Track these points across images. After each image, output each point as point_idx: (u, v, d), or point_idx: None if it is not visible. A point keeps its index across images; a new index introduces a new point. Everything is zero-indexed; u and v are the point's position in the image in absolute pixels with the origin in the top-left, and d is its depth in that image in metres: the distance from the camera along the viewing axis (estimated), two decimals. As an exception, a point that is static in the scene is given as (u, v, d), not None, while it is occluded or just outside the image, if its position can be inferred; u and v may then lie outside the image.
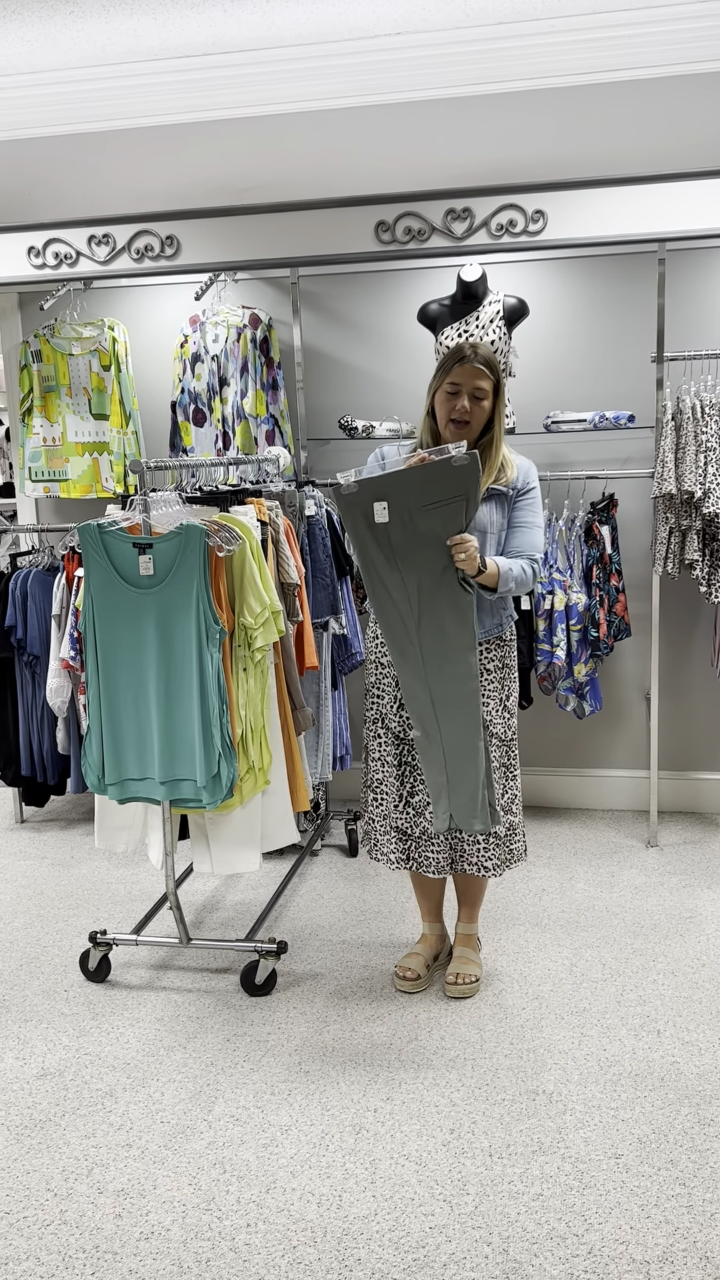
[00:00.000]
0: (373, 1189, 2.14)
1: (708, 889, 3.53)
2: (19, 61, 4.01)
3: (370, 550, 2.55)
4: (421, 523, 2.49)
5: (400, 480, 2.48)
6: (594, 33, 3.75)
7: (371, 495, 2.49)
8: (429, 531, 2.50)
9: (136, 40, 3.86)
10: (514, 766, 2.86)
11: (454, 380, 2.64)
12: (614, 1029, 2.70)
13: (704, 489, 3.63)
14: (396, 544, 2.52)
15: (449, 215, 3.61)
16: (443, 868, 2.85)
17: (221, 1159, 2.24)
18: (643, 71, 3.80)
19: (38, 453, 4.30)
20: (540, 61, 3.84)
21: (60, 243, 3.90)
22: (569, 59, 3.81)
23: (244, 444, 4.03)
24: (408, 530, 2.50)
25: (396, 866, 2.90)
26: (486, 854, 2.82)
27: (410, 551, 2.52)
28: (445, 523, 2.49)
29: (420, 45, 3.86)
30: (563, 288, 4.07)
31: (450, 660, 2.59)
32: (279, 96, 4.05)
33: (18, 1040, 2.74)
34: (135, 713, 2.81)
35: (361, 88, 3.99)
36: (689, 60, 3.77)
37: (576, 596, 3.86)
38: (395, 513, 2.49)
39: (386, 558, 2.54)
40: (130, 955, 3.18)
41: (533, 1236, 1.99)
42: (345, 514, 2.54)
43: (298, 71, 3.98)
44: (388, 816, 2.88)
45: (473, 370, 2.63)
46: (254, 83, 4.03)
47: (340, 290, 4.22)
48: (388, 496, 2.48)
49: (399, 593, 2.57)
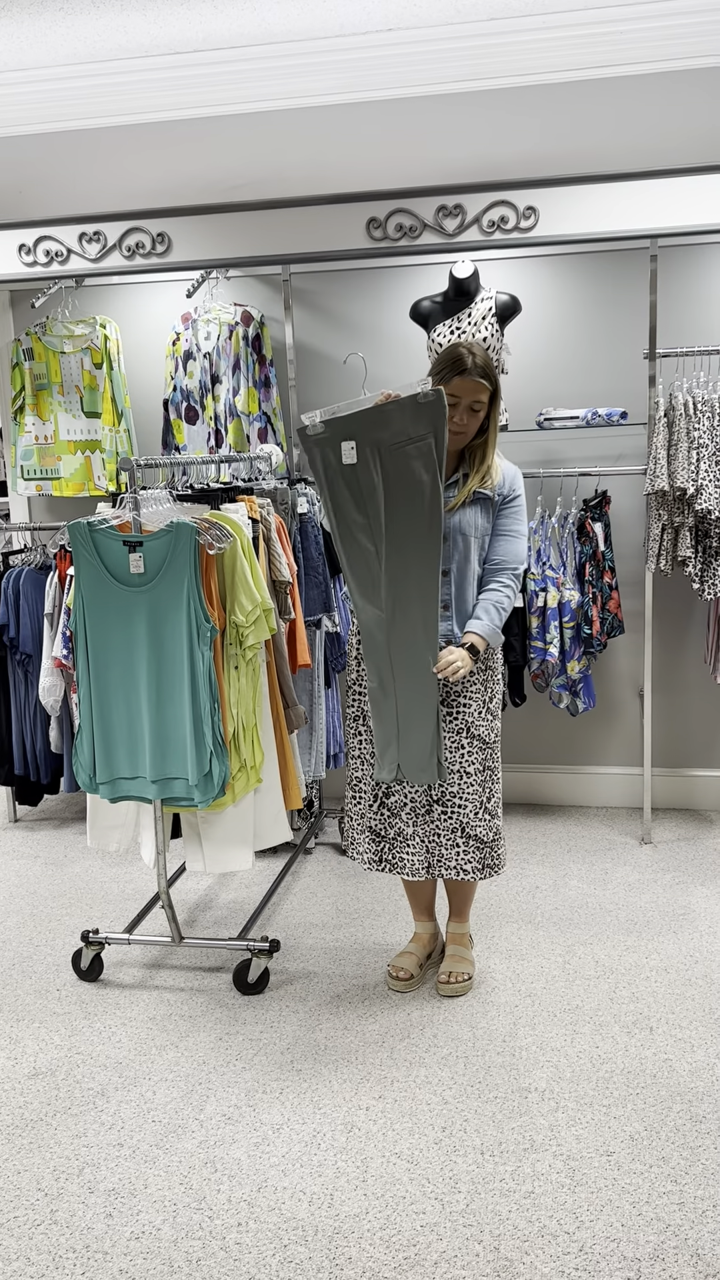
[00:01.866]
0: (364, 1187, 2.13)
1: (701, 886, 3.53)
2: (9, 59, 3.99)
3: (339, 491, 2.53)
4: (390, 463, 2.46)
5: (367, 419, 2.44)
6: (585, 29, 3.74)
7: (339, 435, 2.46)
8: (398, 471, 2.46)
9: (126, 37, 3.85)
10: (496, 770, 2.84)
11: (453, 392, 2.60)
12: (606, 1026, 2.70)
13: (696, 485, 3.63)
14: (365, 484, 2.49)
15: (440, 212, 3.61)
16: (418, 870, 2.83)
17: (213, 1158, 2.24)
18: (634, 68, 3.80)
19: (30, 451, 4.29)
20: (531, 58, 3.83)
21: (51, 240, 3.89)
22: (560, 55, 3.81)
23: (236, 442, 4.02)
24: (376, 470, 2.48)
25: (369, 868, 2.88)
26: (465, 858, 2.80)
27: (379, 491, 2.50)
28: (416, 462, 2.45)
29: (411, 41, 3.85)
30: (555, 284, 4.07)
31: (413, 606, 2.58)
32: (270, 93, 4.04)
33: (9, 1039, 2.73)
34: (126, 711, 2.80)
35: (353, 84, 3.98)
36: (680, 56, 3.76)
37: (569, 594, 3.86)
38: (363, 452, 2.45)
39: (355, 499, 2.52)
40: (122, 954, 3.17)
41: (524, 1234, 1.99)
42: (312, 455, 2.51)
43: (288, 68, 3.97)
44: (364, 816, 2.88)
45: (473, 385, 2.60)
46: (245, 79, 4.02)
47: (332, 287, 4.21)
48: (355, 436, 2.45)
49: (365, 535, 2.55)
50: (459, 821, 2.78)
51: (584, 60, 3.81)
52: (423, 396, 2.42)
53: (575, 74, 3.85)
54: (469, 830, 2.79)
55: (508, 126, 3.93)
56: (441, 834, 2.80)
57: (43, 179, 4.30)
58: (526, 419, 4.00)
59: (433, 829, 2.81)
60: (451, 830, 2.79)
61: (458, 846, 2.80)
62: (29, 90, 4.14)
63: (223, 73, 4.01)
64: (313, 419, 2.48)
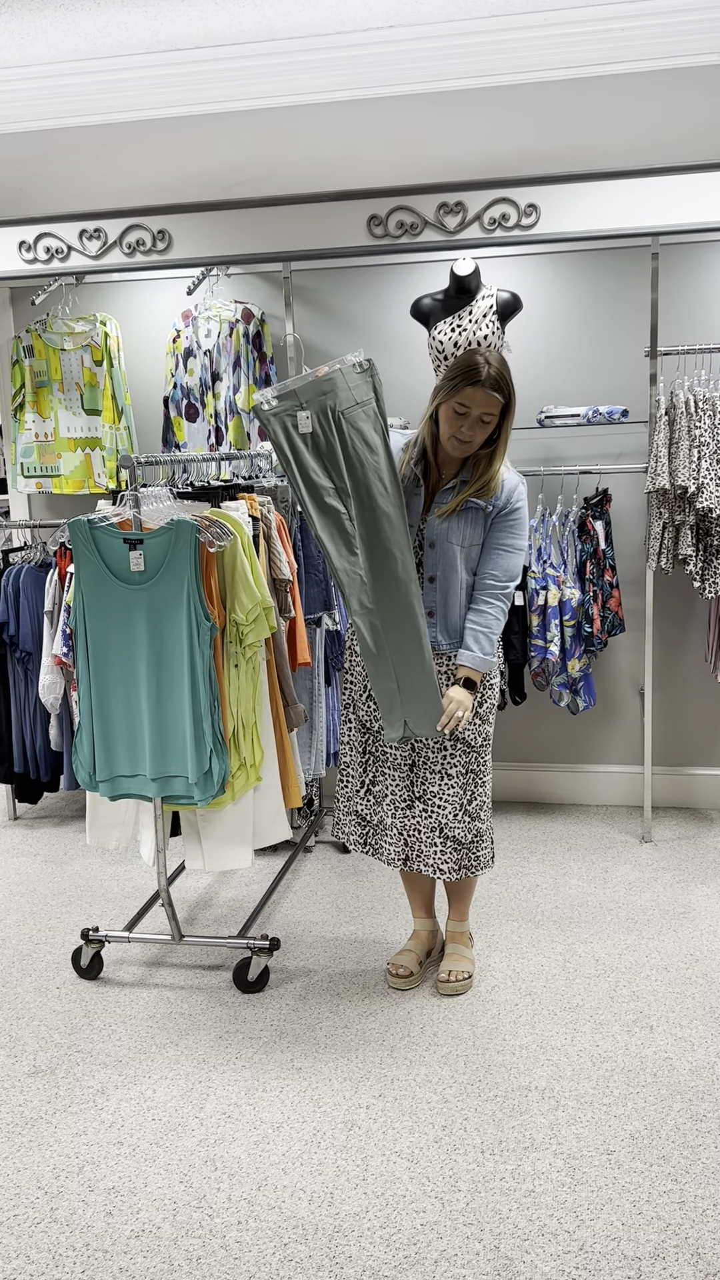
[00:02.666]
0: (364, 1186, 2.13)
1: (701, 884, 3.53)
2: (9, 55, 3.99)
3: (304, 459, 2.61)
4: (345, 426, 2.59)
5: (314, 387, 2.58)
6: (586, 26, 3.73)
7: (294, 405, 2.58)
8: (354, 433, 2.60)
9: (127, 34, 3.84)
10: (484, 773, 2.83)
11: (463, 401, 2.56)
12: (606, 1025, 2.69)
13: (697, 484, 3.62)
14: (326, 449, 2.61)
15: (441, 209, 3.60)
16: (394, 860, 2.84)
17: (213, 1156, 2.24)
18: (635, 65, 3.79)
19: (30, 448, 4.29)
20: (532, 55, 3.82)
21: (51, 237, 3.89)
22: (561, 52, 3.80)
23: (237, 439, 4.02)
24: (334, 434, 2.59)
25: (356, 848, 2.92)
26: (442, 857, 2.80)
27: (338, 455, 2.60)
28: (365, 424, 2.60)
29: (412, 39, 3.84)
30: (556, 282, 4.06)
31: (392, 559, 2.63)
32: (271, 90, 4.03)
33: (9, 1037, 2.73)
34: (126, 709, 2.80)
35: (353, 81, 3.97)
36: (681, 54, 3.75)
37: (570, 592, 3.85)
38: (319, 420, 2.58)
39: (320, 464, 2.62)
40: (122, 952, 3.17)
41: (524, 1233, 1.99)
42: (273, 430, 2.60)
43: (289, 65, 3.96)
44: (350, 800, 2.90)
45: (485, 396, 2.55)
46: (246, 76, 4.01)
47: (333, 285, 4.20)
48: (309, 405, 2.58)
49: (335, 499, 2.63)
50: (438, 821, 2.78)
51: (585, 58, 3.81)
52: (359, 366, 2.59)
53: (576, 71, 3.84)
54: (447, 831, 2.79)
55: (509, 124, 3.92)
56: (421, 831, 2.81)
57: (43, 176, 4.30)
58: (527, 417, 3.98)
59: (413, 824, 2.82)
60: (430, 829, 2.79)
61: (435, 845, 2.80)
62: (30, 86, 4.13)
63: (224, 69, 4.00)
64: (264, 397, 2.59)
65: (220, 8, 3.65)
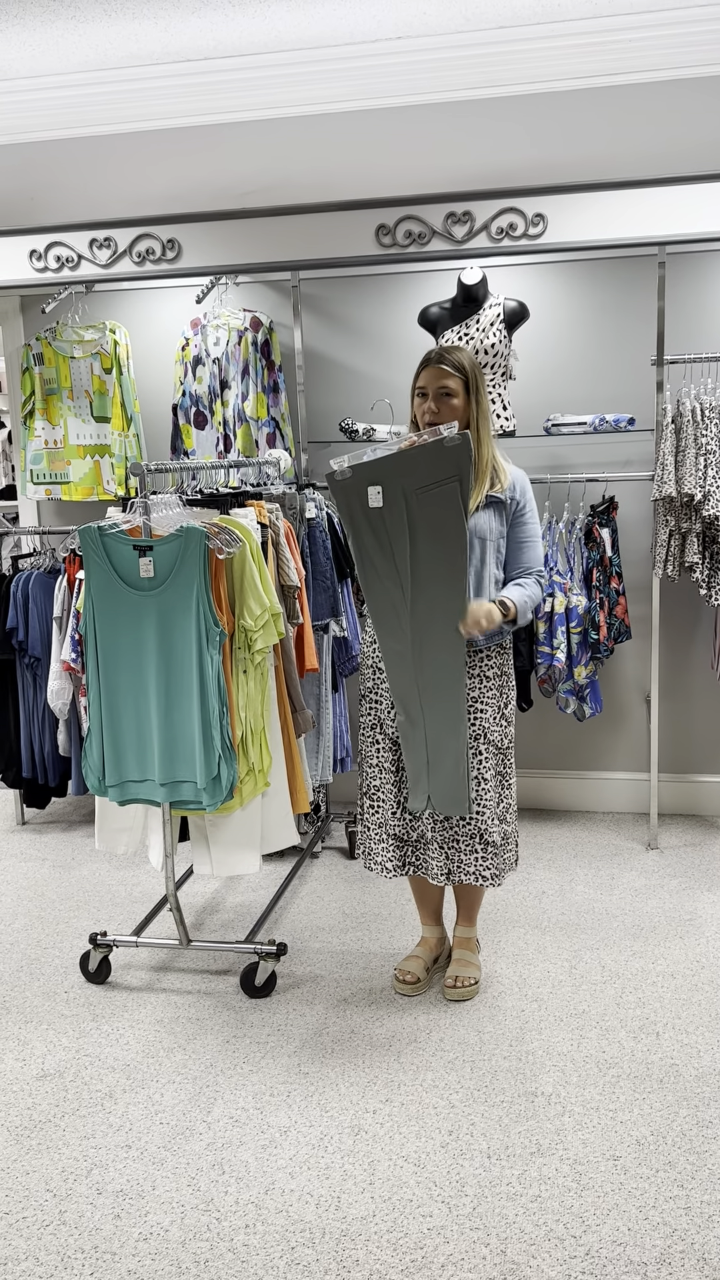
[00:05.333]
0: (371, 1190, 2.14)
1: (707, 892, 3.53)
2: (21, 66, 4.02)
3: (364, 535, 2.56)
4: (416, 506, 2.49)
5: (394, 463, 2.48)
6: (593, 37, 3.76)
7: (365, 480, 2.49)
8: (424, 515, 2.50)
9: (138, 45, 3.87)
10: (510, 775, 2.86)
11: (420, 385, 2.70)
12: (613, 1031, 2.70)
13: (704, 492, 3.63)
14: (391, 528, 2.52)
15: (449, 219, 3.62)
16: (439, 875, 2.84)
17: (220, 1160, 2.25)
18: (642, 75, 3.81)
19: (39, 455, 4.31)
20: (540, 65, 3.84)
21: (62, 246, 3.92)
22: (569, 63, 3.82)
23: (245, 447, 4.04)
24: (403, 514, 2.51)
25: (392, 875, 2.89)
26: (485, 864, 2.81)
27: (405, 535, 2.52)
28: (441, 505, 2.48)
29: (420, 49, 3.86)
30: (563, 291, 4.08)
31: (439, 645, 2.60)
32: (280, 100, 4.06)
33: (18, 1041, 2.75)
34: (135, 715, 2.81)
35: (362, 92, 4.00)
36: (688, 64, 3.77)
37: (577, 599, 3.86)
38: (390, 497, 2.49)
39: (380, 542, 2.55)
40: (130, 957, 3.18)
41: (531, 1238, 1.99)
42: (339, 499, 2.54)
43: (299, 75, 3.99)
44: (384, 824, 2.88)
45: (436, 371, 2.67)
46: (255, 87, 4.04)
47: (341, 293, 4.23)
48: (382, 481, 2.47)
49: (391, 580, 2.58)
50: (478, 828, 2.79)
51: (593, 68, 3.83)
52: (449, 440, 2.44)
53: (584, 82, 3.86)
54: (487, 836, 2.80)
55: (517, 134, 3.94)
56: (460, 840, 2.81)
57: (54, 185, 4.33)
58: (534, 425, 4.01)
59: (451, 835, 2.82)
60: (470, 837, 2.80)
61: (476, 853, 2.81)
62: (41, 97, 4.17)
63: (233, 80, 4.03)
64: (340, 465, 2.51)
65: (230, 19, 3.68)
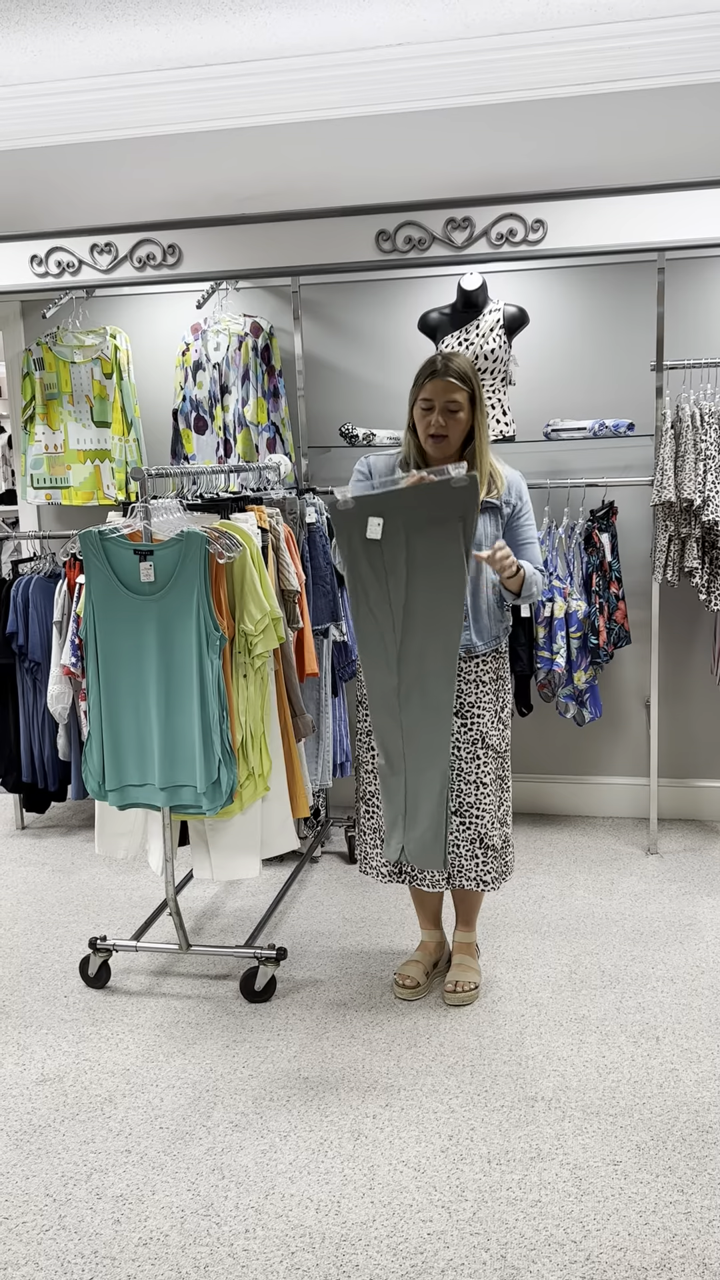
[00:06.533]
0: (371, 1195, 2.14)
1: (707, 896, 3.53)
2: (22, 72, 4.03)
3: (360, 566, 2.53)
4: (416, 543, 2.47)
5: (397, 498, 2.46)
6: (593, 44, 3.77)
7: (367, 511, 2.47)
8: (424, 553, 2.47)
9: (139, 51, 3.89)
10: (507, 779, 2.86)
11: (426, 396, 2.62)
12: (613, 1036, 2.70)
13: (703, 497, 3.64)
14: (389, 562, 2.50)
15: (449, 224, 3.63)
16: (438, 882, 2.84)
17: (220, 1165, 2.25)
18: (642, 82, 3.82)
19: (40, 460, 4.32)
20: (540, 72, 3.86)
21: (63, 251, 3.92)
22: (569, 70, 3.84)
23: (245, 451, 4.05)
24: (401, 549, 2.48)
25: (388, 880, 2.89)
26: (485, 868, 2.81)
27: (402, 572, 2.50)
28: (441, 545, 2.45)
29: (421, 56, 3.88)
30: (563, 296, 4.09)
31: (427, 690, 2.56)
32: (281, 107, 4.07)
33: (17, 1046, 2.74)
34: (136, 719, 2.81)
35: (363, 98, 4.01)
36: (688, 71, 3.79)
37: (576, 604, 3.87)
38: (390, 531, 2.46)
39: (376, 575, 2.52)
40: (130, 961, 3.18)
41: (531, 1243, 1.99)
42: (339, 529, 2.52)
43: (299, 82, 4.00)
44: (379, 829, 2.88)
45: (444, 385, 2.60)
46: (256, 93, 4.05)
47: (341, 299, 4.24)
48: (384, 514, 2.45)
49: (382, 612, 2.54)
50: (477, 832, 2.79)
51: (592, 75, 3.84)
52: (456, 482, 2.41)
53: (583, 88, 3.88)
54: (487, 840, 2.80)
55: (516, 140, 3.95)
56: (460, 845, 2.81)
57: (55, 190, 4.34)
58: (534, 430, 4.02)
59: (451, 840, 2.81)
60: (470, 841, 2.80)
61: (476, 858, 2.81)
62: (43, 102, 4.18)
63: (234, 86, 4.04)
64: (344, 494, 2.50)
65: (231, 25, 3.70)
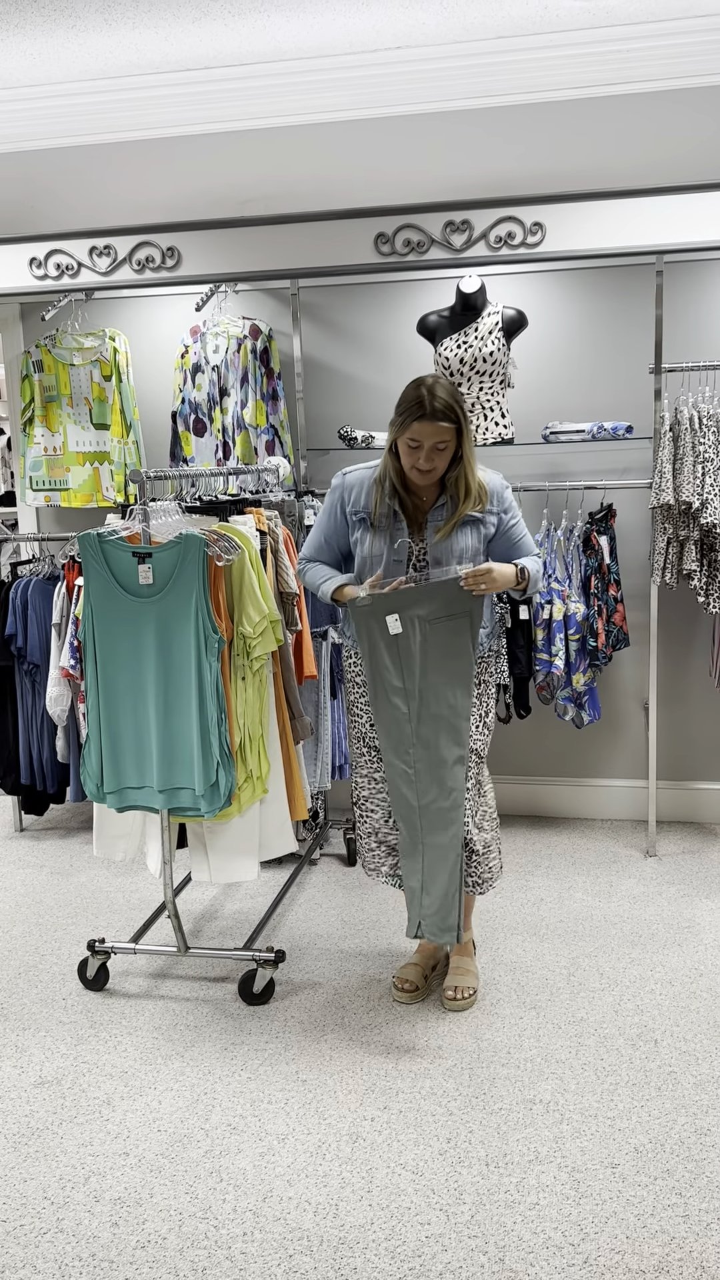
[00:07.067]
0: (369, 1198, 2.14)
1: (706, 899, 3.53)
2: (22, 74, 4.04)
3: (381, 656, 2.68)
4: (430, 634, 2.65)
5: (410, 596, 2.64)
6: (592, 47, 3.78)
7: (384, 608, 2.64)
8: (436, 643, 2.66)
9: (138, 54, 3.89)
10: (485, 783, 2.88)
11: (414, 436, 2.56)
12: (611, 1039, 2.70)
13: (701, 499, 3.64)
14: (404, 652, 2.67)
15: (448, 227, 3.64)
16: None
17: (218, 1167, 2.25)
18: (640, 86, 3.83)
19: (39, 462, 4.32)
20: (538, 75, 3.86)
21: (62, 254, 3.93)
22: (567, 73, 3.84)
23: (244, 454, 4.05)
24: (416, 641, 2.65)
25: (391, 882, 2.92)
26: (467, 872, 2.83)
27: (416, 661, 2.66)
28: (452, 638, 2.65)
29: (419, 59, 3.88)
30: (561, 299, 4.09)
31: (443, 772, 2.70)
32: (279, 110, 4.08)
33: (15, 1048, 2.74)
34: (134, 721, 2.81)
35: (361, 101, 4.02)
36: (686, 74, 3.79)
37: (575, 606, 3.87)
38: (405, 623, 2.65)
39: (394, 664, 2.68)
40: (128, 964, 3.18)
41: (529, 1246, 1.99)
42: (360, 624, 2.68)
43: (298, 85, 4.01)
44: (375, 832, 2.90)
45: (434, 429, 2.54)
46: (255, 96, 4.06)
47: (340, 301, 4.24)
48: (399, 609, 2.64)
49: (400, 699, 2.69)
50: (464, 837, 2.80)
51: (591, 78, 3.85)
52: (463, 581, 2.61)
53: (582, 92, 3.88)
54: (471, 845, 2.81)
55: (515, 143, 3.96)
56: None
57: (54, 193, 4.35)
58: (533, 433, 4.02)
59: None
60: None
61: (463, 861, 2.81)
62: (42, 105, 4.19)
63: (233, 89, 4.05)
64: (362, 594, 2.67)
65: (230, 29, 3.70)
